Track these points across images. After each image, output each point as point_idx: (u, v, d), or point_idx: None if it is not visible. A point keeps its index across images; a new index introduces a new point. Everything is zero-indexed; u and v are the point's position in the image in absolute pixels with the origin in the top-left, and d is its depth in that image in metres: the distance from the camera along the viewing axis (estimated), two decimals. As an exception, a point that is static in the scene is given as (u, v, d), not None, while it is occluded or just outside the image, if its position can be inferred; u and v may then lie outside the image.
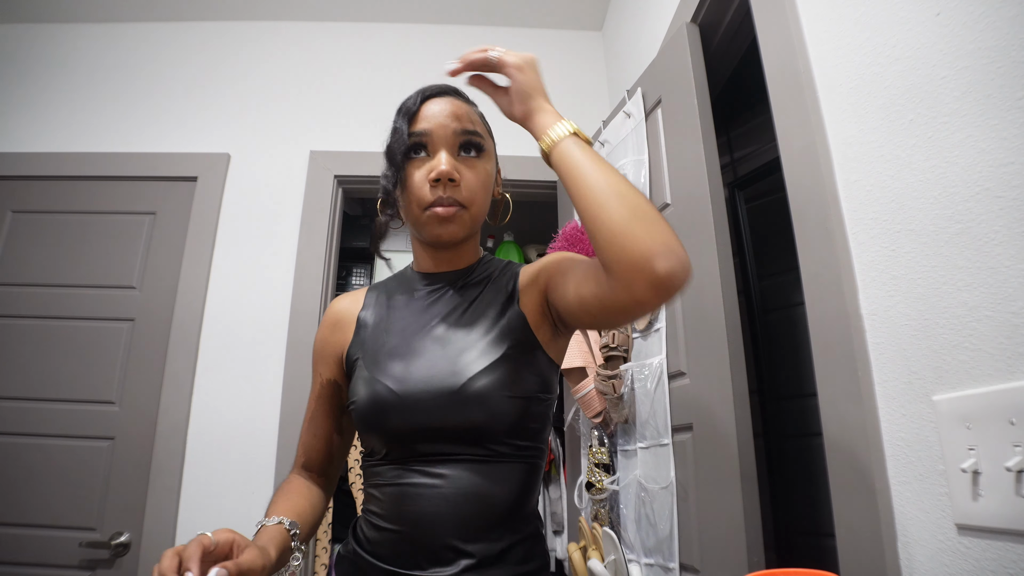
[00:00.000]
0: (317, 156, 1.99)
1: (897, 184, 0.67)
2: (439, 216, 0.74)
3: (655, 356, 1.25)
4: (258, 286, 1.85)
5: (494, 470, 0.70)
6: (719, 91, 1.41)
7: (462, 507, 0.68)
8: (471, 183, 0.76)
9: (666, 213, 1.26)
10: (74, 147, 1.99)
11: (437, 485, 0.69)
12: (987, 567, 0.54)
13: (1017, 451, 0.50)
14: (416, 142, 0.76)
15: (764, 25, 0.96)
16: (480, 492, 0.69)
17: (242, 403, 1.73)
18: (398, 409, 0.71)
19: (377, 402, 0.72)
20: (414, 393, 0.70)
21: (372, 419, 0.72)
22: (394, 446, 0.72)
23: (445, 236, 0.76)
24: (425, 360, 0.73)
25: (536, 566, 0.73)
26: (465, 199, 0.75)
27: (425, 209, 0.74)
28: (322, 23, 2.20)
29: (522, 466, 0.73)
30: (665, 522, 1.15)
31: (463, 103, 0.80)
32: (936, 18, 0.61)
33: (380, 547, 0.70)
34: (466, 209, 0.75)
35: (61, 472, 1.68)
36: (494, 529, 0.69)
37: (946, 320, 0.59)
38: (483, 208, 0.79)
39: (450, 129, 0.76)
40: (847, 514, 0.73)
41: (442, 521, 0.68)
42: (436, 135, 0.76)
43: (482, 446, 0.70)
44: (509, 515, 0.70)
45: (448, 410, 0.69)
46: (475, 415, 0.69)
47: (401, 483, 0.71)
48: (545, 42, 2.22)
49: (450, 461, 0.70)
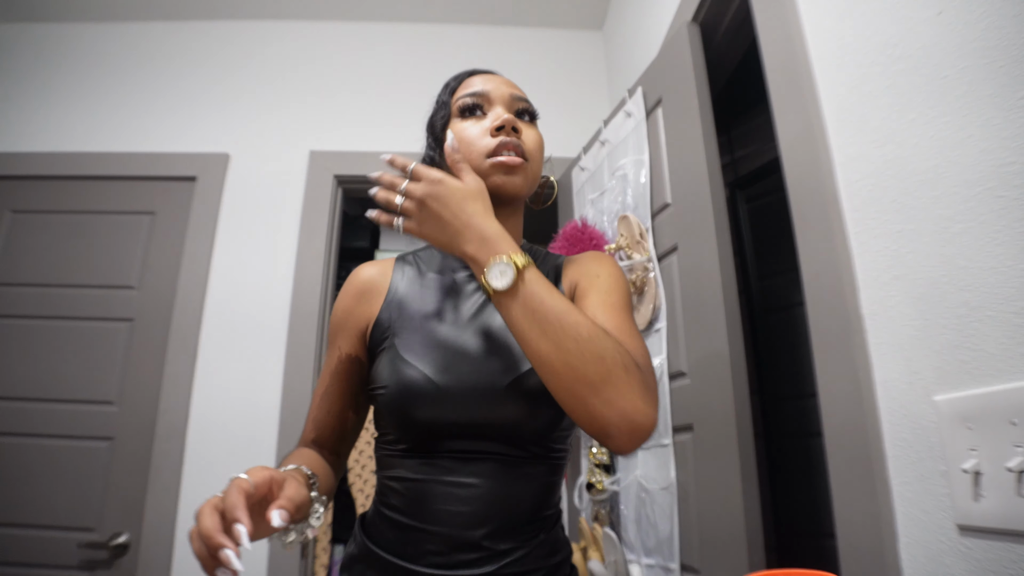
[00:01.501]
0: (317, 156, 1.99)
1: (898, 184, 0.67)
2: (505, 164, 0.70)
3: (655, 356, 1.25)
4: (257, 286, 1.85)
5: (524, 470, 0.68)
6: (719, 91, 1.41)
7: (495, 507, 0.65)
8: (531, 139, 0.74)
9: (666, 213, 1.26)
10: (73, 147, 1.99)
11: (470, 484, 0.66)
12: (988, 567, 0.54)
13: (1018, 451, 0.50)
14: (472, 102, 0.74)
15: (764, 24, 0.96)
16: (512, 492, 0.67)
17: (242, 403, 1.73)
18: (437, 401, 0.66)
19: (413, 390, 0.67)
20: (458, 385, 0.66)
21: (404, 408, 0.67)
22: (423, 438, 0.68)
23: (509, 187, 0.71)
24: (473, 351, 0.69)
25: (563, 557, 0.72)
26: (528, 151, 0.72)
27: (488, 157, 0.70)
28: (322, 23, 2.20)
29: (549, 467, 0.71)
30: (665, 522, 1.15)
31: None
32: (938, 17, 0.61)
33: (404, 546, 0.66)
34: (527, 162, 0.72)
35: (60, 472, 1.68)
36: (523, 526, 0.67)
37: (947, 320, 0.59)
38: (537, 170, 0.75)
39: (508, 92, 0.75)
40: (847, 514, 0.73)
41: (475, 521, 0.65)
42: (494, 94, 0.75)
43: (518, 446, 0.68)
44: (537, 512, 0.69)
45: (493, 407, 0.66)
46: (519, 413, 0.66)
47: (429, 480, 0.67)
48: (545, 42, 2.22)
49: (482, 459, 0.67)
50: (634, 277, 1.30)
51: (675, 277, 1.21)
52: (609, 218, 1.47)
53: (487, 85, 0.75)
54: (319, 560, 1.71)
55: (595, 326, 0.57)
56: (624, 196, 1.42)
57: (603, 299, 0.70)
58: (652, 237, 1.30)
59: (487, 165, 0.71)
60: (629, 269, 1.32)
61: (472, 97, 0.74)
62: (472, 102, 0.74)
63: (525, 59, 2.18)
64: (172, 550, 1.60)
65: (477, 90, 0.75)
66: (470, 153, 0.72)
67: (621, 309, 0.70)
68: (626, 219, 1.36)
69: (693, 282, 1.15)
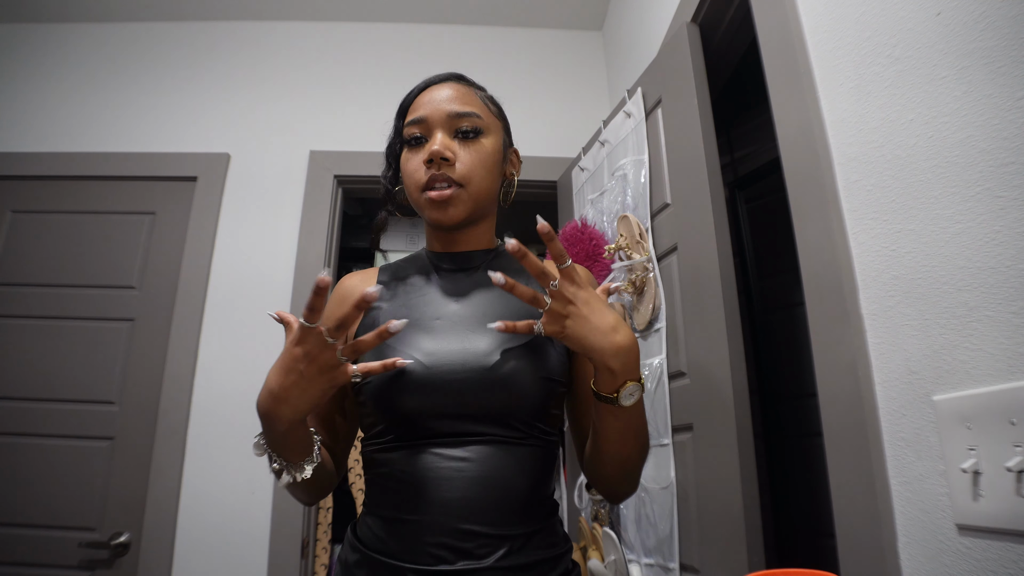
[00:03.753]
0: (317, 156, 1.99)
1: (897, 184, 0.67)
2: (432, 200, 0.73)
3: (655, 356, 1.25)
4: (258, 286, 1.85)
5: (516, 452, 0.68)
6: (719, 91, 1.41)
7: (489, 491, 0.65)
8: (467, 161, 0.74)
9: (666, 213, 1.26)
10: (74, 147, 1.99)
11: (461, 468, 0.66)
12: (988, 567, 0.54)
13: (1017, 451, 0.50)
14: (413, 134, 0.76)
15: (764, 24, 0.96)
16: (504, 475, 0.67)
17: (242, 403, 1.73)
18: (425, 383, 0.67)
19: (403, 374, 0.68)
20: (445, 367, 0.68)
21: (392, 394, 0.68)
22: (409, 424, 0.68)
23: (444, 220, 0.74)
24: (456, 336, 0.71)
25: (562, 550, 0.71)
26: (461, 176, 0.73)
27: (422, 192, 0.74)
28: (322, 23, 2.20)
29: (542, 451, 0.72)
30: (665, 522, 1.15)
31: (463, 86, 0.80)
32: (936, 18, 0.61)
33: (399, 542, 0.65)
34: (463, 188, 0.73)
35: (61, 472, 1.68)
36: (519, 514, 0.67)
37: (946, 320, 0.59)
38: (484, 186, 0.76)
39: (444, 112, 0.75)
40: (847, 514, 0.73)
41: (470, 507, 0.64)
42: (432, 119, 0.75)
43: (508, 426, 0.68)
44: (532, 499, 0.69)
45: (479, 389, 0.67)
46: (505, 395, 0.68)
47: (419, 467, 0.67)
48: (545, 42, 2.22)
49: (473, 442, 0.67)
50: (634, 277, 1.30)
51: (675, 277, 1.22)
52: (609, 218, 1.47)
53: (428, 108, 0.76)
54: (319, 560, 1.71)
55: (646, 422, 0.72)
56: (624, 196, 1.42)
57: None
58: (652, 237, 1.30)
59: (422, 200, 0.74)
60: (629, 269, 1.33)
61: (414, 127, 0.76)
62: (413, 133, 0.76)
63: (525, 59, 2.18)
64: (172, 550, 1.60)
65: (418, 116, 0.76)
66: (410, 187, 0.75)
67: None
68: (626, 219, 1.36)
69: (693, 282, 1.15)
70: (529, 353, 0.70)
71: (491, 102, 0.82)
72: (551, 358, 0.73)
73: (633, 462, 0.71)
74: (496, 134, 0.79)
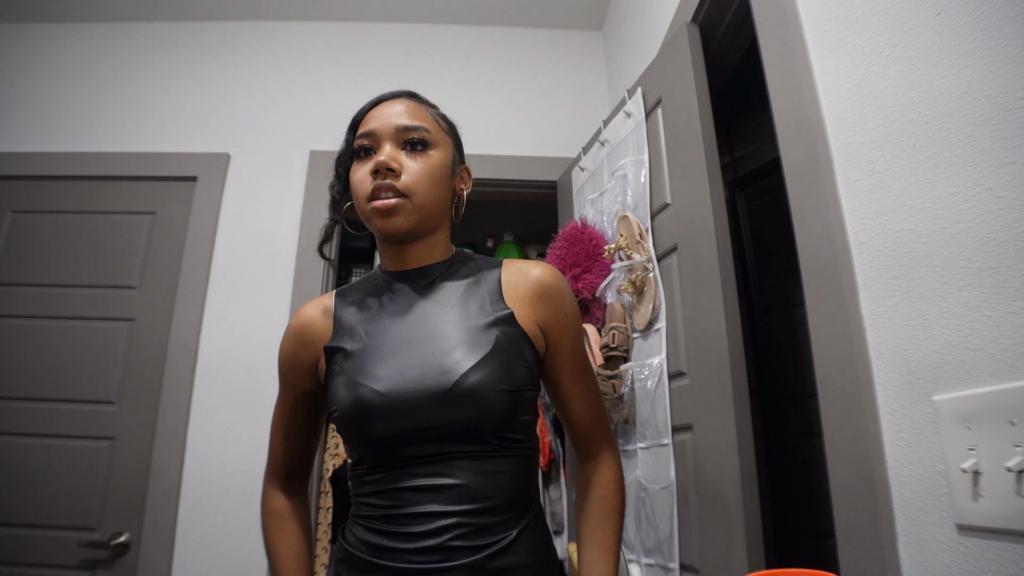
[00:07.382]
0: (317, 156, 1.99)
1: (897, 184, 0.67)
2: (377, 209, 0.73)
3: (655, 356, 1.25)
4: (258, 286, 1.85)
5: (491, 465, 0.70)
6: (719, 91, 1.41)
7: (466, 506, 0.68)
8: (414, 172, 0.75)
9: (666, 213, 1.26)
10: (74, 147, 1.99)
11: (437, 486, 0.68)
12: (987, 567, 0.54)
13: (1017, 451, 0.50)
14: (361, 145, 0.77)
15: (764, 24, 0.96)
16: (481, 487, 0.69)
17: (242, 404, 1.73)
18: (385, 411, 0.69)
19: (361, 406, 0.70)
20: (402, 393, 0.69)
21: (358, 424, 0.70)
22: (383, 451, 0.70)
23: (389, 229, 0.74)
24: (412, 359, 0.72)
25: (545, 557, 0.73)
26: (406, 187, 0.74)
27: (368, 202, 0.75)
28: (323, 23, 2.20)
29: (517, 459, 0.73)
30: (665, 522, 1.15)
31: (415, 102, 0.81)
32: (936, 18, 0.61)
33: (385, 553, 0.68)
34: (407, 198, 0.74)
35: (61, 472, 1.68)
36: (499, 524, 0.69)
37: (946, 320, 0.59)
38: (430, 198, 0.76)
39: (393, 125, 0.77)
40: (847, 514, 0.73)
41: (449, 524, 0.67)
42: (380, 132, 0.77)
43: (477, 442, 0.70)
44: (511, 507, 0.70)
45: (441, 408, 0.68)
46: (469, 412, 0.68)
47: (398, 488, 0.69)
48: (545, 42, 2.21)
49: (445, 460, 0.69)
50: (634, 277, 1.30)
51: (675, 277, 1.22)
52: (609, 218, 1.47)
53: (377, 122, 0.78)
54: (319, 560, 1.71)
55: (616, 519, 0.79)
56: (624, 196, 1.42)
57: (576, 357, 0.80)
58: (652, 237, 1.30)
59: (368, 209, 0.75)
60: (629, 269, 1.33)
61: (363, 139, 0.77)
62: (361, 145, 0.77)
63: (525, 59, 2.18)
64: (172, 550, 1.60)
65: (368, 129, 0.77)
66: (357, 198, 0.76)
67: (588, 367, 0.83)
68: (626, 219, 1.36)
69: (693, 282, 1.15)
70: (492, 365, 0.70)
71: (443, 119, 0.83)
72: (515, 369, 0.73)
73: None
74: (445, 149, 0.80)
